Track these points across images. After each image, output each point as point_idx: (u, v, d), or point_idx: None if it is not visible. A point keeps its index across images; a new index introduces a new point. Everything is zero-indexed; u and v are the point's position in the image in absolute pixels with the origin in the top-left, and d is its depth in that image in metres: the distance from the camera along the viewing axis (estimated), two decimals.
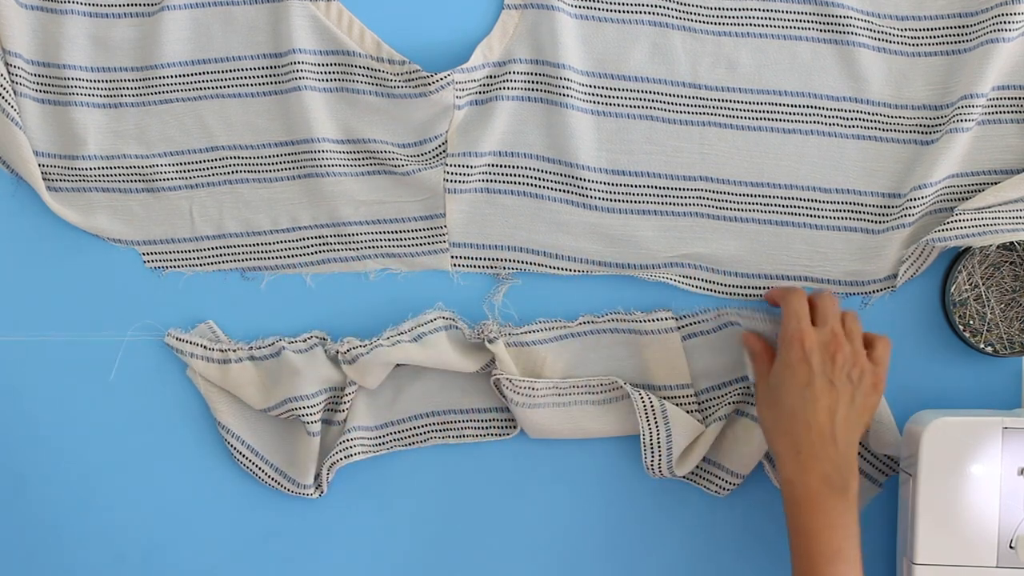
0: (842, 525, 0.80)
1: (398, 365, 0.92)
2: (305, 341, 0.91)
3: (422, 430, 0.93)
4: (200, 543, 0.94)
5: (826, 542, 0.80)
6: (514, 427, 0.92)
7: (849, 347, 0.84)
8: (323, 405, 0.91)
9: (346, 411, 0.91)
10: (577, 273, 0.92)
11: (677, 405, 0.90)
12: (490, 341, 0.90)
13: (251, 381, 0.91)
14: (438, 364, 0.89)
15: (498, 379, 0.89)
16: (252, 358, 0.92)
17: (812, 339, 0.83)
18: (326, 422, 0.92)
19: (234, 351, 0.91)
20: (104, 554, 0.94)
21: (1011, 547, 0.84)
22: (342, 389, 0.91)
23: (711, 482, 0.92)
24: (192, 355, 0.91)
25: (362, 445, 0.92)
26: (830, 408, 0.82)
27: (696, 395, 0.91)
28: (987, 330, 0.91)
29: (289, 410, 0.90)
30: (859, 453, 0.90)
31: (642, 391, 0.89)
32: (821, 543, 0.80)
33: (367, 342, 0.89)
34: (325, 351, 0.91)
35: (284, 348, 0.91)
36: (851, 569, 0.80)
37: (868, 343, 0.85)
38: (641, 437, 0.89)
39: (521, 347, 0.91)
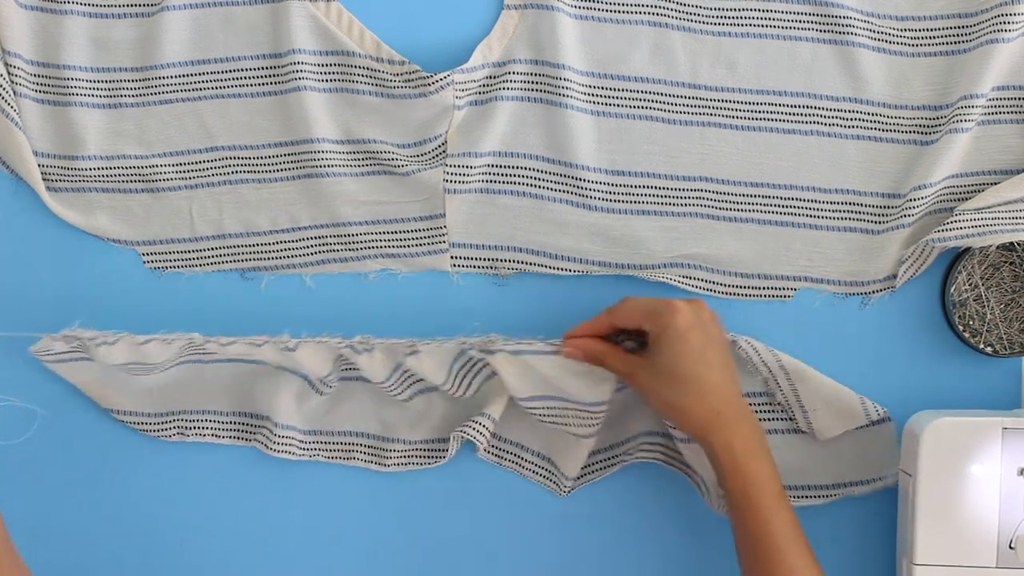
0: (770, 458, 0.82)
1: (343, 379, 0.92)
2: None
3: (348, 448, 0.93)
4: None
5: (776, 485, 0.81)
6: (441, 457, 0.92)
7: (697, 299, 0.85)
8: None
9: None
10: (577, 273, 0.92)
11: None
12: (489, 352, 0.88)
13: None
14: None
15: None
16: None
17: (685, 305, 0.84)
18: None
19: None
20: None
21: (1011, 547, 0.84)
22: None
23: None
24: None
25: (294, 445, 0.92)
26: (722, 361, 0.84)
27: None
28: (987, 330, 0.91)
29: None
30: None
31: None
32: (774, 487, 0.81)
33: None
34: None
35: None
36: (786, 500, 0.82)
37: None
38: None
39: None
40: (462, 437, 0.90)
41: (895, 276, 0.91)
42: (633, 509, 0.93)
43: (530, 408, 0.89)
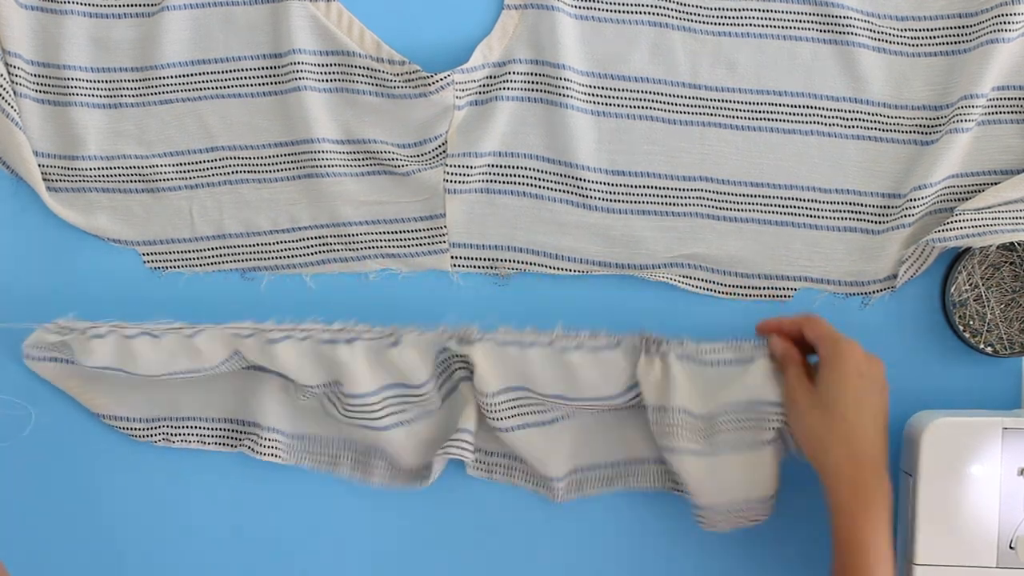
0: (888, 526, 0.81)
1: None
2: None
3: (334, 457, 0.93)
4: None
5: (884, 541, 0.80)
6: (426, 479, 0.91)
7: (877, 358, 0.84)
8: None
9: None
10: (577, 273, 0.92)
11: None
12: (468, 343, 0.87)
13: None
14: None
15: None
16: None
17: (862, 354, 0.83)
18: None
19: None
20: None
21: (1011, 547, 0.84)
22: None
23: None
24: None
25: (280, 449, 0.92)
26: (875, 416, 0.82)
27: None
28: (987, 330, 0.91)
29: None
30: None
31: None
32: (878, 543, 0.80)
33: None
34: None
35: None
36: (892, 569, 0.81)
37: None
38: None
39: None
40: (446, 457, 0.89)
41: (895, 276, 0.91)
42: (629, 526, 0.93)
43: (497, 405, 0.88)
